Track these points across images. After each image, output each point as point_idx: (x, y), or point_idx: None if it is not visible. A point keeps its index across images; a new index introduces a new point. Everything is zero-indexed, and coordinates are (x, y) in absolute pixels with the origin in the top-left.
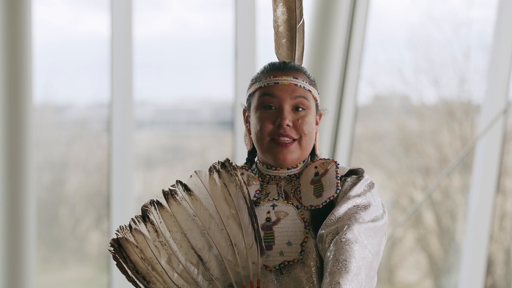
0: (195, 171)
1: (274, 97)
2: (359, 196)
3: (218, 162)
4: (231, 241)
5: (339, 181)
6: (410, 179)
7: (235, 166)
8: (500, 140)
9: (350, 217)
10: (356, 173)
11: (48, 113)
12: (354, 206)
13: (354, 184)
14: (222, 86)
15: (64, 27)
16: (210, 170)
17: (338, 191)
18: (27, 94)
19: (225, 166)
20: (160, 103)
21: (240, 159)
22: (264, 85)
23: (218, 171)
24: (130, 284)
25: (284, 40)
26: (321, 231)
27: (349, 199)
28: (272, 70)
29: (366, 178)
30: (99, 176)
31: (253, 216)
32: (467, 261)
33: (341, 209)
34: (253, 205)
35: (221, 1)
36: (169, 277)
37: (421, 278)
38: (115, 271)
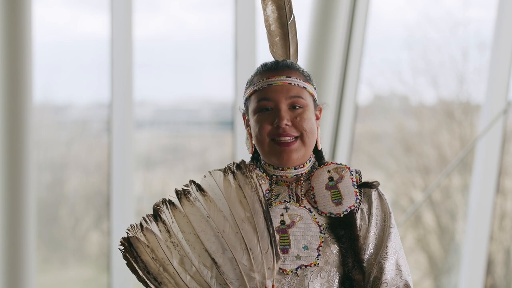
0: (209, 171)
1: (270, 100)
2: (395, 234)
3: (233, 163)
4: (246, 245)
5: (357, 190)
6: (410, 179)
7: (251, 168)
8: (500, 140)
9: (401, 277)
10: (371, 187)
11: (48, 113)
12: (396, 262)
13: (385, 217)
14: (222, 86)
15: (64, 27)
16: (224, 171)
17: (357, 200)
18: (27, 94)
19: (241, 167)
20: (160, 103)
21: (240, 159)
22: (258, 88)
23: (233, 172)
24: (130, 284)
25: (277, 38)
26: None
27: (388, 246)
28: (264, 71)
29: (386, 198)
30: (99, 176)
31: (268, 220)
32: (467, 261)
33: (388, 271)
34: (268, 209)
35: (221, 1)
36: (181, 279)
37: (421, 278)
38: (115, 271)
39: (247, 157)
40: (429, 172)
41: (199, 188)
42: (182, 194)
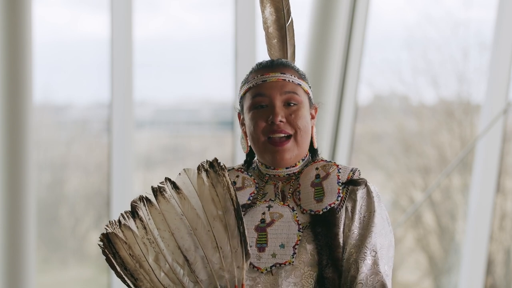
0: (184, 169)
1: (264, 96)
2: (377, 233)
3: (207, 161)
4: (217, 243)
5: (340, 188)
6: (410, 179)
7: (223, 166)
8: (500, 140)
9: (377, 278)
10: (357, 184)
11: (48, 113)
12: (373, 262)
13: (369, 215)
14: (222, 86)
15: (64, 27)
16: (198, 168)
17: (339, 198)
18: (27, 94)
19: (213, 165)
20: (160, 103)
21: (240, 159)
22: (253, 84)
23: (206, 171)
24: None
25: (275, 40)
26: None
27: (367, 246)
28: (259, 69)
29: (376, 195)
30: (99, 176)
31: (239, 219)
32: (467, 261)
33: (364, 271)
34: (240, 207)
35: (221, 1)
36: (155, 276)
37: (421, 278)
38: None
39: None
40: (429, 172)
41: (174, 185)
42: (158, 191)
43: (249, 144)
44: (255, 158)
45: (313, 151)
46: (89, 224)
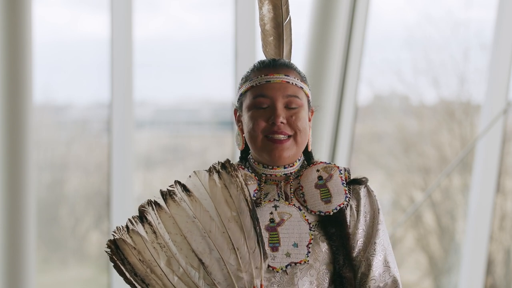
0: (194, 171)
1: (266, 97)
2: (384, 231)
3: (218, 162)
4: (233, 245)
5: (346, 188)
6: (410, 179)
7: (236, 167)
8: (500, 140)
9: (389, 274)
10: (360, 183)
11: (48, 113)
12: (384, 259)
13: (373, 213)
14: (222, 86)
15: (64, 27)
16: (209, 170)
17: (347, 198)
18: (27, 94)
19: (226, 167)
20: (160, 103)
21: (238, 159)
22: (256, 84)
23: (218, 172)
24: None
25: (271, 38)
26: None
27: (376, 242)
28: (262, 68)
29: (375, 194)
30: (99, 176)
31: (255, 219)
32: (467, 261)
33: (376, 267)
34: (255, 207)
35: (221, 1)
36: (169, 280)
37: (421, 278)
38: (115, 271)
39: None
40: (429, 172)
41: (184, 188)
42: (167, 194)
43: (244, 142)
44: (250, 157)
45: (307, 153)
46: (89, 224)
